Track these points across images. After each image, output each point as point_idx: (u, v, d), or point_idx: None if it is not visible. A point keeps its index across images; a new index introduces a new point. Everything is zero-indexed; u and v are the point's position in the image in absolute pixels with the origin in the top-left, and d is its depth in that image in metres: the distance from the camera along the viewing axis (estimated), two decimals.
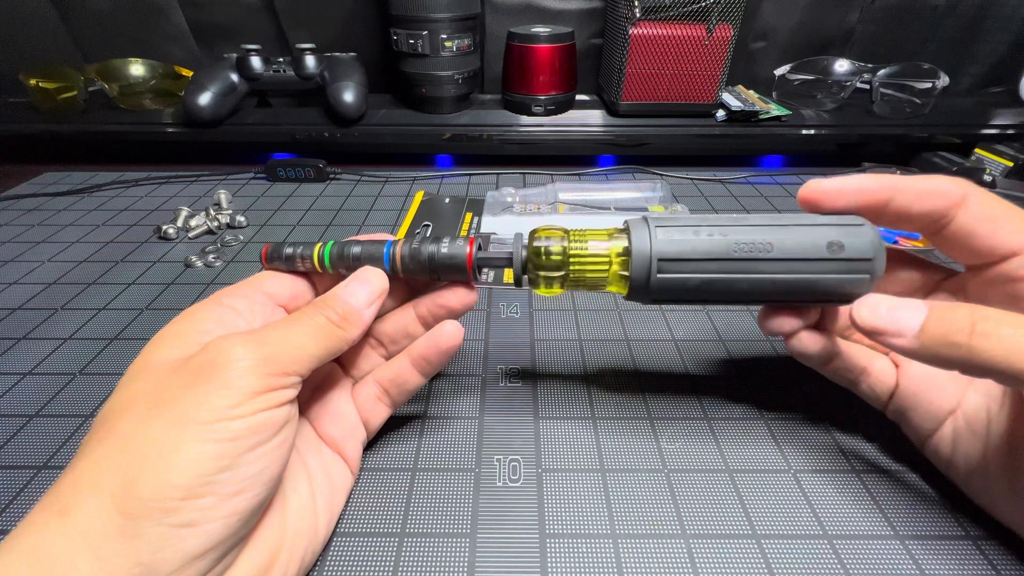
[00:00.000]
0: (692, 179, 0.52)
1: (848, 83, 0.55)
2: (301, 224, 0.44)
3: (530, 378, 0.28)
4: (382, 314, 0.23)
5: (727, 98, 0.54)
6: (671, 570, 0.20)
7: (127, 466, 0.14)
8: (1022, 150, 0.49)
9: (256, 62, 0.53)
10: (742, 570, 0.19)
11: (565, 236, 0.21)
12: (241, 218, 0.43)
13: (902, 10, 0.59)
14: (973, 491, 0.21)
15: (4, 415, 0.26)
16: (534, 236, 0.21)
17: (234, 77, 0.53)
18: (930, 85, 0.52)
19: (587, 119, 0.55)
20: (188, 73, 0.57)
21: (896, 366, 0.23)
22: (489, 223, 0.41)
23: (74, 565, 0.13)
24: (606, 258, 0.21)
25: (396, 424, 0.25)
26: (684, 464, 0.24)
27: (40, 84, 0.53)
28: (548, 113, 0.55)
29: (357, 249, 0.21)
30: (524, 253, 0.21)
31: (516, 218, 0.42)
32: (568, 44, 0.52)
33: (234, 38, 0.59)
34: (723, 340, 0.31)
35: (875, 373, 0.22)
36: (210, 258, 0.38)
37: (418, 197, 0.47)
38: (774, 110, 0.54)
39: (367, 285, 0.21)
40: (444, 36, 0.49)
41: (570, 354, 0.30)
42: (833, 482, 0.23)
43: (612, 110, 0.55)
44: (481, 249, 0.21)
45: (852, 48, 0.61)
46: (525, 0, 0.57)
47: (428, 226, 0.43)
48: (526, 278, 0.22)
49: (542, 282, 0.21)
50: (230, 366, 0.16)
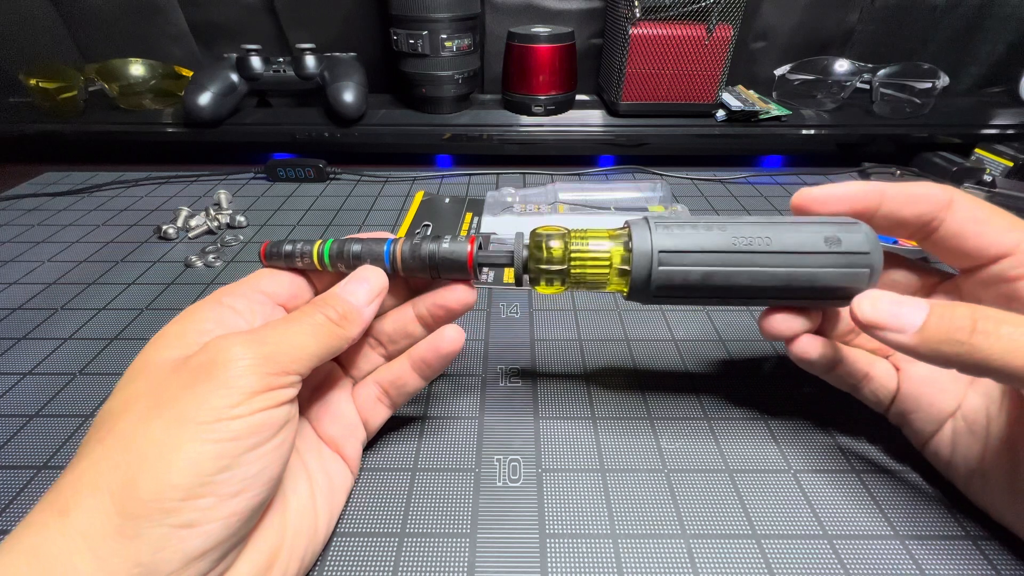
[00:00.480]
0: (692, 179, 0.52)
1: (848, 83, 0.55)
2: (301, 224, 0.44)
3: (530, 378, 0.28)
4: (381, 313, 0.23)
5: (727, 98, 0.54)
6: (671, 570, 0.20)
7: (127, 466, 0.14)
8: (1022, 150, 0.49)
9: (256, 62, 0.53)
10: (742, 570, 0.19)
11: (566, 235, 0.21)
12: (241, 218, 0.43)
13: (902, 10, 0.59)
14: (973, 493, 0.21)
15: (4, 415, 0.26)
16: (535, 235, 0.21)
17: (234, 77, 0.53)
18: (930, 85, 0.52)
19: (587, 119, 0.55)
20: (188, 73, 0.57)
21: (897, 370, 0.23)
22: (489, 223, 0.41)
23: (73, 565, 0.13)
24: (607, 256, 0.21)
25: (396, 424, 0.25)
26: (684, 464, 0.24)
27: (40, 84, 0.53)
28: (548, 113, 0.55)
29: (357, 247, 0.21)
30: (525, 252, 0.21)
31: (516, 218, 0.42)
32: (568, 44, 0.52)
33: (234, 38, 0.59)
34: (723, 340, 0.31)
35: (876, 377, 0.22)
36: (210, 258, 0.38)
37: (418, 197, 0.47)
38: (774, 110, 0.54)
39: (366, 283, 0.20)
40: (444, 36, 0.49)
41: (570, 354, 0.30)
42: (833, 482, 0.23)
43: (612, 110, 0.55)
44: (482, 248, 0.21)
45: (852, 48, 0.61)
46: (525, 0, 0.57)
47: (428, 226, 0.43)
48: (527, 277, 0.22)
49: (543, 280, 0.21)
50: (229, 365, 0.16)
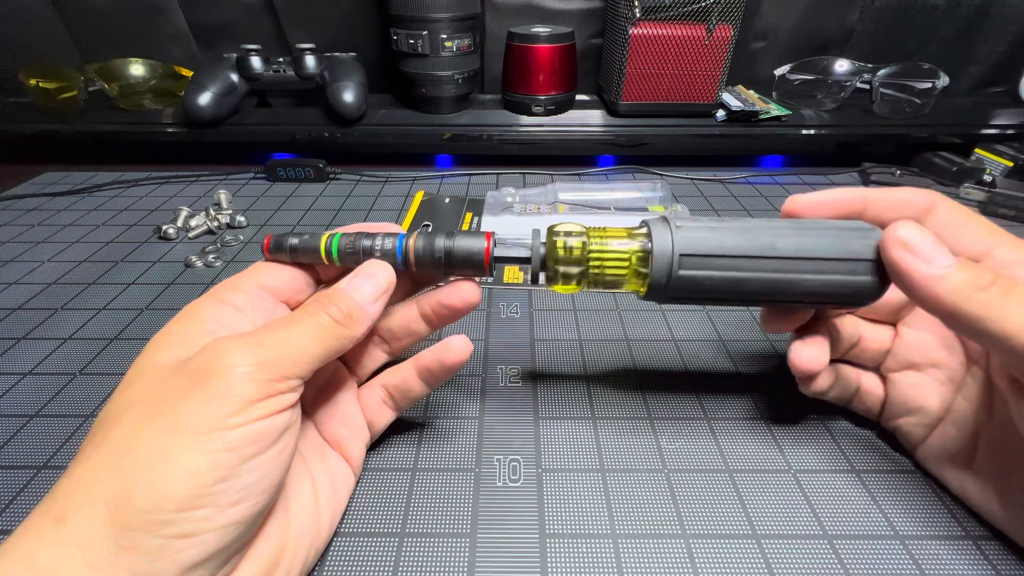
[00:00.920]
0: (692, 179, 0.52)
1: (848, 83, 0.55)
2: (301, 224, 0.44)
3: (530, 378, 0.28)
4: (385, 308, 0.23)
5: (727, 98, 0.54)
6: (671, 570, 0.20)
7: (123, 474, 0.14)
8: (1022, 150, 0.49)
9: (256, 62, 0.53)
10: (742, 570, 0.19)
11: (585, 233, 0.21)
12: (241, 218, 0.43)
13: (902, 10, 0.59)
14: (966, 495, 0.21)
15: (4, 415, 0.26)
16: (553, 232, 0.21)
17: (234, 77, 0.53)
18: (930, 85, 0.52)
19: (587, 119, 0.55)
20: (188, 73, 0.57)
21: (884, 379, 0.24)
22: (489, 223, 0.41)
23: (69, 574, 0.13)
24: (627, 256, 0.20)
25: (396, 424, 0.25)
26: (684, 464, 0.24)
27: (40, 84, 0.53)
28: (548, 113, 0.55)
29: (367, 242, 0.20)
30: (543, 249, 0.21)
31: (516, 218, 0.42)
32: (568, 44, 0.52)
33: (234, 38, 0.59)
34: (723, 340, 0.31)
35: (865, 387, 0.24)
36: (210, 258, 0.38)
37: (418, 197, 0.47)
38: (774, 110, 0.54)
39: (373, 279, 0.20)
40: (444, 36, 0.49)
41: (570, 354, 0.30)
42: (833, 482, 0.23)
43: (612, 110, 0.55)
44: (497, 245, 0.21)
45: (852, 48, 0.61)
46: (525, 0, 0.57)
47: (428, 226, 0.43)
48: (543, 275, 0.21)
49: (560, 279, 0.21)
50: (227, 373, 0.15)
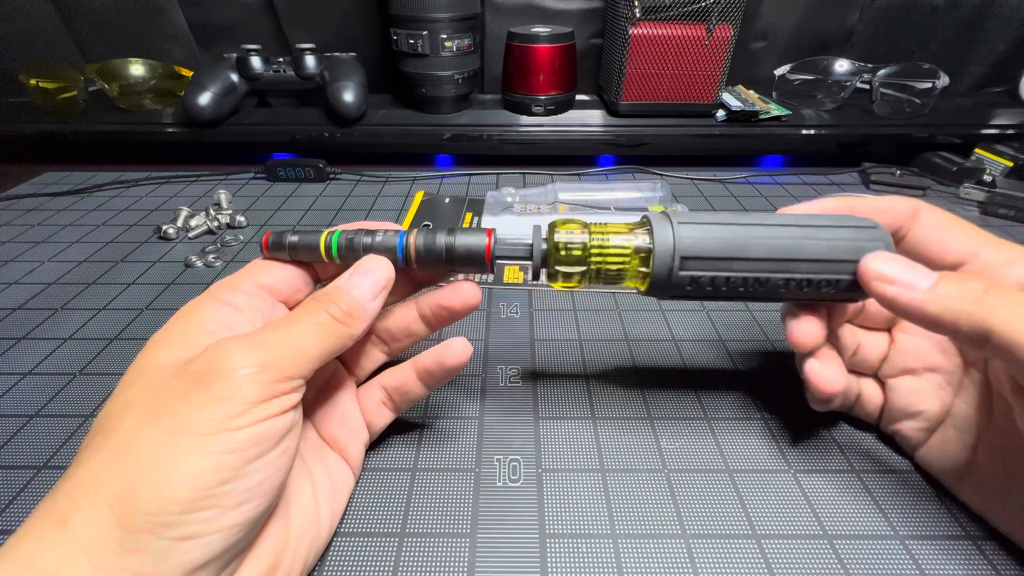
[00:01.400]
0: (692, 179, 0.52)
1: (848, 83, 0.55)
2: (301, 224, 0.44)
3: (530, 378, 0.28)
4: (384, 307, 0.22)
5: (727, 98, 0.54)
6: (671, 570, 0.20)
7: (126, 476, 0.14)
8: (1022, 150, 0.49)
9: (256, 62, 0.53)
10: (742, 570, 0.19)
11: (586, 229, 0.21)
12: (241, 218, 0.43)
13: (902, 10, 0.59)
14: (967, 497, 0.21)
15: (4, 415, 0.26)
16: (554, 229, 0.21)
17: (234, 77, 0.53)
18: (930, 85, 0.52)
19: (587, 119, 0.55)
20: (188, 73, 0.56)
21: (882, 384, 0.24)
22: (489, 223, 0.41)
23: None
24: (628, 252, 0.20)
25: (396, 424, 0.25)
26: (684, 464, 0.24)
27: (40, 84, 0.52)
28: (548, 113, 0.55)
29: (368, 239, 0.20)
30: (544, 246, 0.21)
31: (516, 218, 0.42)
32: (568, 44, 0.52)
33: (234, 38, 0.59)
34: (723, 340, 0.31)
35: (864, 394, 0.24)
36: (210, 258, 0.38)
37: (418, 197, 0.47)
38: (774, 110, 0.54)
39: (372, 275, 0.19)
40: (444, 36, 0.49)
41: (570, 354, 0.30)
42: (833, 482, 0.23)
43: (612, 110, 0.55)
44: (498, 242, 0.21)
45: (852, 48, 0.61)
46: (525, 0, 0.57)
47: (428, 226, 0.43)
48: (544, 271, 0.21)
49: (561, 276, 0.21)
50: (230, 375, 0.15)
